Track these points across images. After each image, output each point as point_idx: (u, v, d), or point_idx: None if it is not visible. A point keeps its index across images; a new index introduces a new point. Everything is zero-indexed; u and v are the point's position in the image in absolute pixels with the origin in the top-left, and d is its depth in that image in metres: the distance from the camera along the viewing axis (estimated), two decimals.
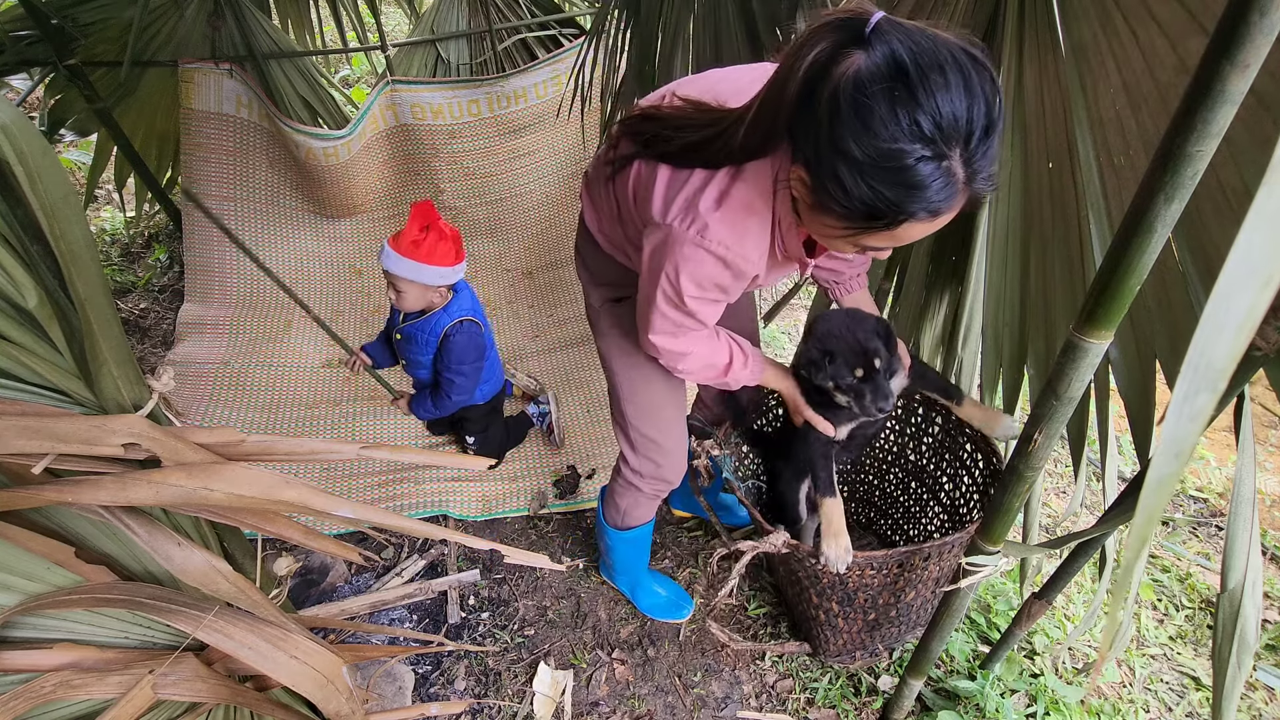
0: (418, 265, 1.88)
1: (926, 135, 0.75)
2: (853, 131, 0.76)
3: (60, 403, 0.71)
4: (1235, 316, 0.38)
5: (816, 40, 0.79)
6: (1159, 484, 0.41)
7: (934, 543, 1.33)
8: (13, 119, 0.57)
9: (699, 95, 1.07)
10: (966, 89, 0.75)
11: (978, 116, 0.75)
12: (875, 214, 0.82)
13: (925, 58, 0.74)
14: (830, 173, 0.81)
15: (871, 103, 0.75)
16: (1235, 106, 0.60)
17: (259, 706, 0.86)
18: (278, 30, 2.93)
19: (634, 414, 1.48)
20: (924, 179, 0.77)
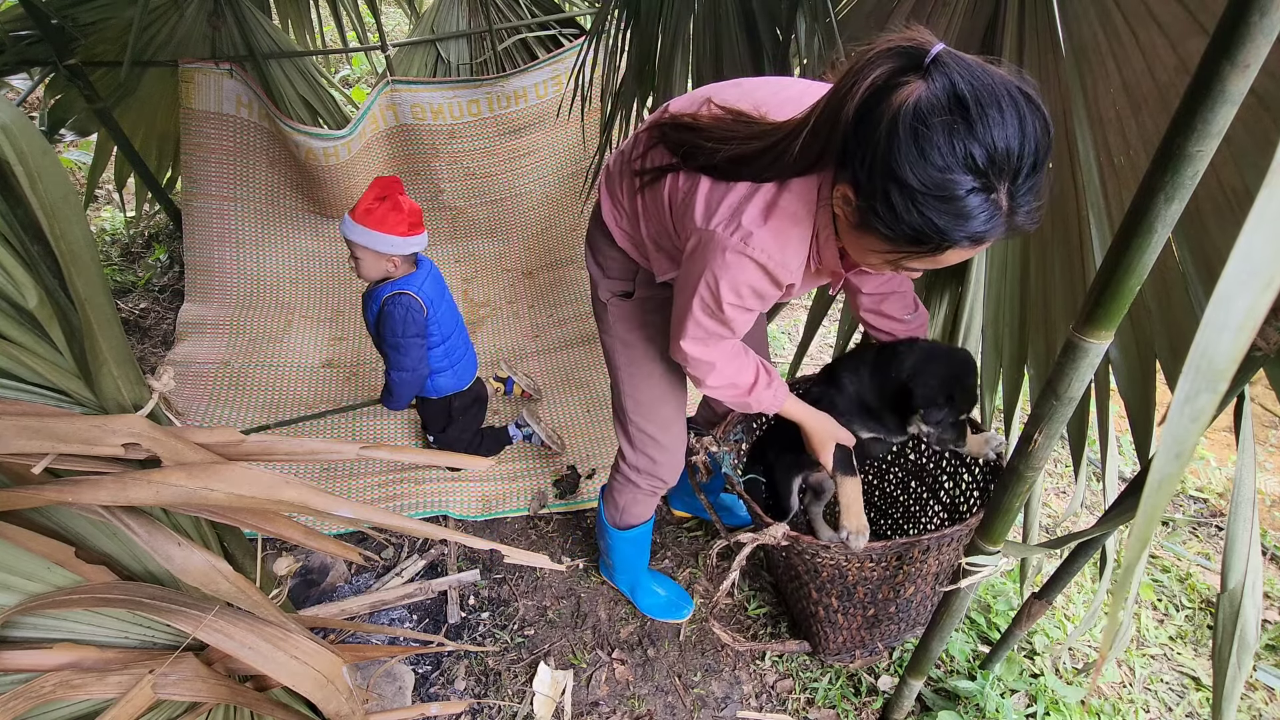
0: (367, 231, 1.90)
1: (979, 168, 0.78)
2: (909, 158, 0.78)
3: (60, 403, 0.71)
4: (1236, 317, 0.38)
5: (876, 64, 0.81)
6: (1160, 484, 0.41)
7: (932, 534, 1.33)
8: (13, 119, 0.57)
9: (738, 103, 1.05)
10: (1020, 126, 0.77)
11: (1028, 153, 0.78)
12: (921, 239, 0.84)
13: (984, 92, 0.77)
14: (881, 195, 0.82)
15: (930, 132, 0.77)
16: (1235, 106, 0.60)
17: (259, 706, 0.86)
18: (278, 30, 2.93)
19: (633, 409, 1.49)
20: (973, 209, 0.79)
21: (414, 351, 2.06)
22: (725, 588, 1.34)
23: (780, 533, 1.35)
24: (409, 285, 2.04)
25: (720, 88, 1.15)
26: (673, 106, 1.18)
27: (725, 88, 1.15)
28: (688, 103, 1.17)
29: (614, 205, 1.31)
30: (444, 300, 2.15)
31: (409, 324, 2.02)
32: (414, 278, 2.06)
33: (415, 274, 2.07)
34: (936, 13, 1.49)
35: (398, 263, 2.00)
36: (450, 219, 3.02)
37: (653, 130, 1.15)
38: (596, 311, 1.47)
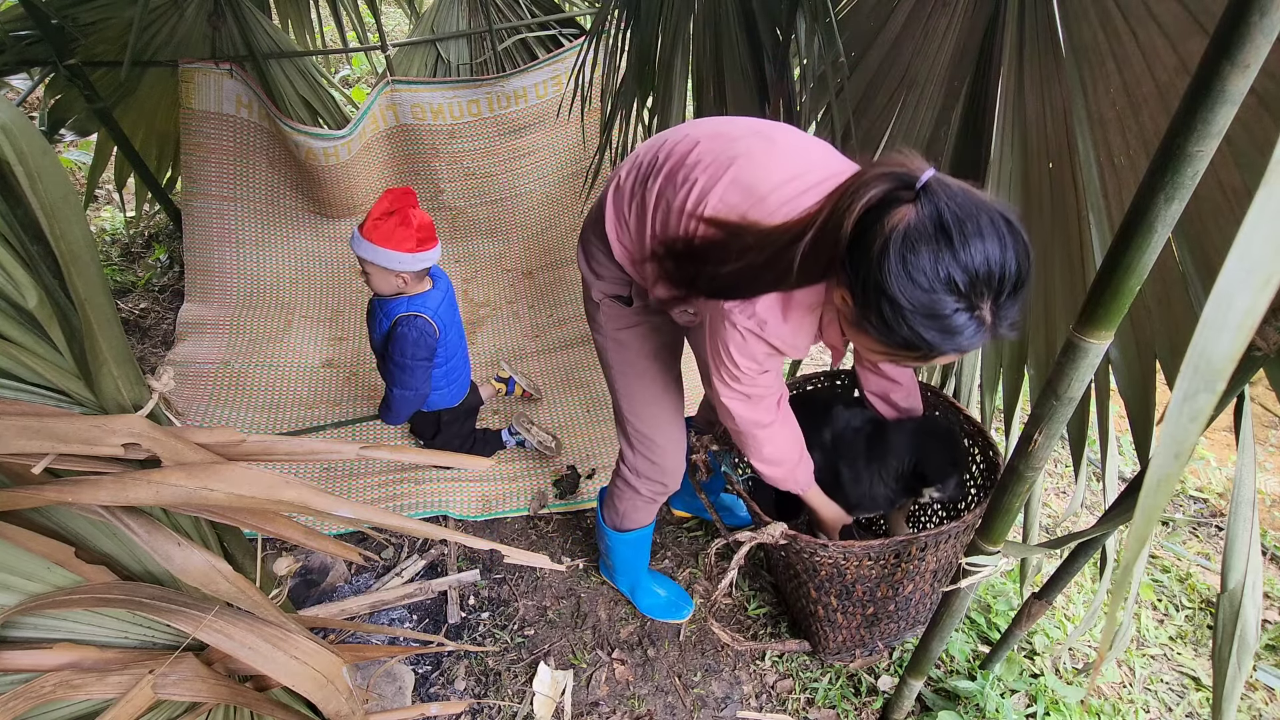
0: (373, 247, 1.87)
1: (963, 291, 0.85)
2: (898, 280, 0.85)
3: (60, 403, 0.71)
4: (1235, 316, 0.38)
5: (872, 185, 0.87)
6: (1159, 484, 0.41)
7: (930, 531, 1.33)
8: (13, 119, 0.56)
9: (725, 210, 1.08)
10: (1001, 250, 0.84)
11: (1009, 275, 0.85)
12: (910, 347, 0.91)
13: (968, 220, 0.83)
14: (875, 308, 0.90)
15: (917, 258, 0.84)
16: (1235, 106, 0.60)
17: (259, 706, 0.86)
18: (278, 30, 2.93)
19: (629, 409, 1.48)
20: (959, 326, 0.87)
21: (420, 373, 2.06)
22: (724, 586, 1.35)
23: (779, 531, 1.35)
24: (424, 308, 2.02)
25: (750, 145, 1.12)
26: (701, 148, 1.16)
27: (755, 145, 1.12)
28: (717, 147, 1.14)
29: (619, 223, 1.30)
30: (455, 322, 2.15)
31: (420, 347, 2.01)
32: (429, 299, 2.04)
33: (430, 294, 2.05)
34: (936, 13, 1.49)
35: (408, 278, 1.98)
36: (450, 219, 3.02)
37: (656, 264, 1.17)
38: (588, 311, 1.46)
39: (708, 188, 1.10)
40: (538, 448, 2.26)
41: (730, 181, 1.09)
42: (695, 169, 1.13)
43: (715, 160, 1.12)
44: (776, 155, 1.10)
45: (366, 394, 2.52)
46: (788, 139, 1.14)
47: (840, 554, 1.36)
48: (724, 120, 1.23)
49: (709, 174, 1.11)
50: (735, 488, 1.49)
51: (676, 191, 1.14)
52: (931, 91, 1.52)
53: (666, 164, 1.19)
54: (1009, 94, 1.35)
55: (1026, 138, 1.34)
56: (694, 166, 1.13)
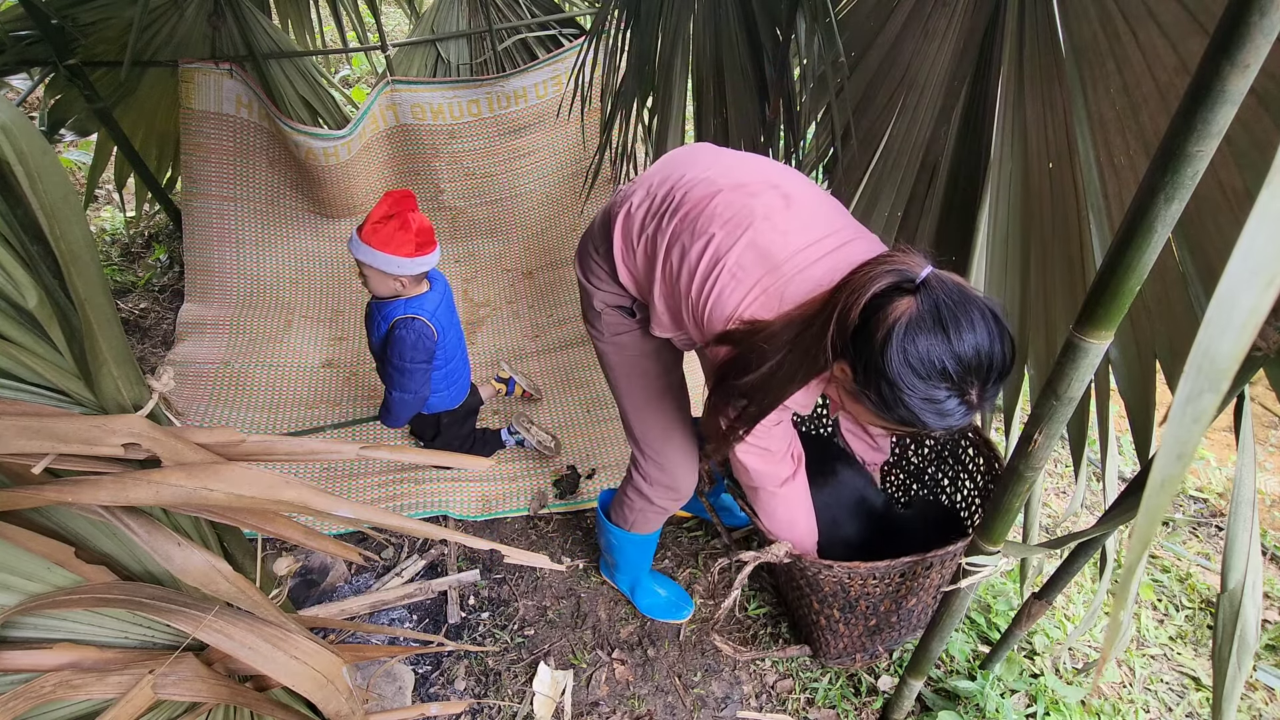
0: (372, 251, 1.87)
1: (955, 379, 0.95)
2: (899, 368, 0.94)
3: (60, 403, 0.71)
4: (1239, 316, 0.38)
5: (878, 279, 0.96)
6: (1162, 485, 0.41)
7: (937, 552, 1.32)
8: (13, 119, 0.56)
9: (741, 273, 1.11)
10: (990, 340, 0.94)
11: (995, 363, 0.95)
12: (905, 424, 1.01)
13: (963, 316, 0.93)
14: (875, 389, 0.99)
15: (916, 348, 0.93)
16: (1235, 106, 0.60)
17: (259, 706, 0.86)
18: (278, 30, 2.93)
19: (633, 413, 1.48)
20: (949, 410, 0.97)
21: (419, 376, 2.05)
22: (727, 606, 1.34)
23: (783, 551, 1.35)
24: (422, 310, 2.01)
25: (769, 205, 1.15)
26: (721, 199, 1.17)
27: (774, 204, 1.15)
28: (737, 203, 1.16)
29: (627, 250, 1.29)
30: (453, 325, 2.14)
31: (419, 350, 2.00)
32: (427, 301, 2.03)
33: (428, 296, 2.04)
34: (936, 13, 1.49)
35: (406, 282, 1.97)
36: (450, 219, 3.02)
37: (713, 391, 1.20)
38: (588, 317, 1.45)
39: (724, 247, 1.13)
40: (537, 448, 2.26)
41: (748, 245, 1.12)
42: (713, 223, 1.15)
43: (734, 217, 1.14)
44: (793, 219, 1.13)
45: (366, 394, 2.52)
46: (803, 198, 1.17)
47: (845, 574, 1.35)
48: (742, 163, 1.24)
49: (726, 231, 1.13)
50: (741, 503, 1.49)
51: (694, 240, 1.16)
52: (931, 91, 1.52)
53: (683, 207, 1.19)
54: (1009, 94, 1.35)
55: (1026, 138, 1.34)
56: (712, 220, 1.15)
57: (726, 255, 1.12)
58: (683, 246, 1.17)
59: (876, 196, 1.66)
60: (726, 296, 1.12)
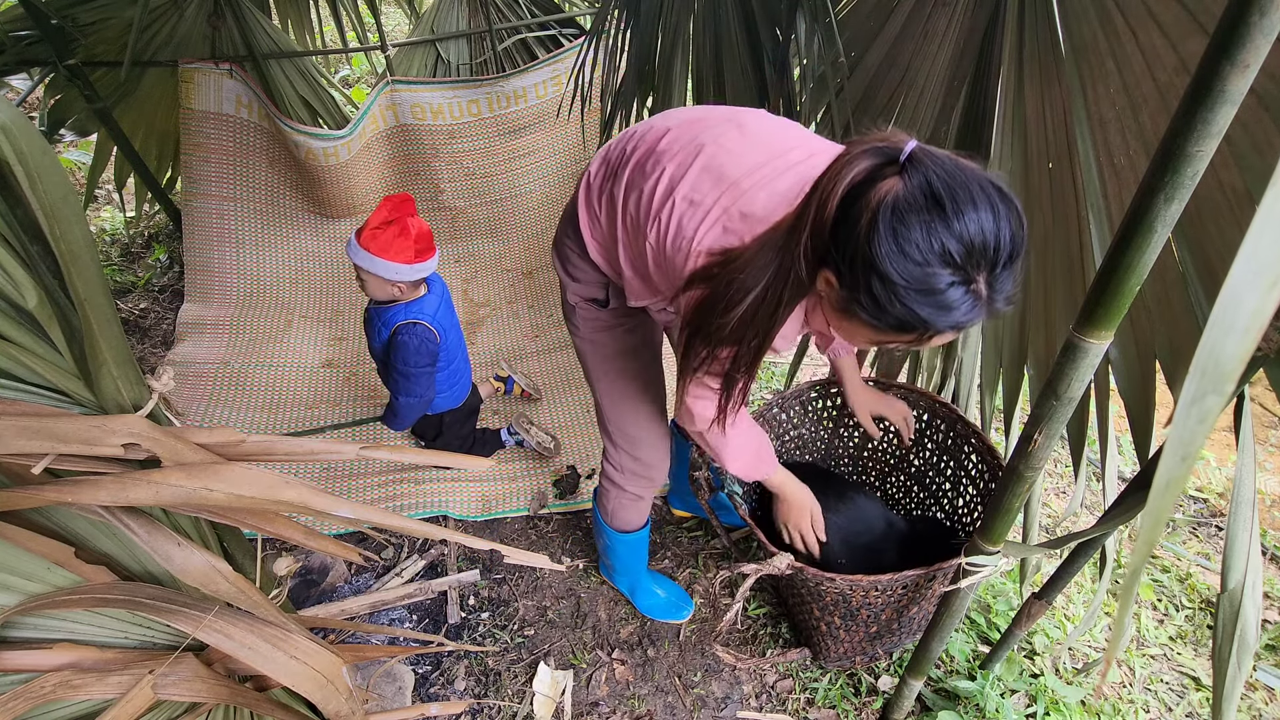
0: (370, 257, 1.87)
1: (957, 262, 0.80)
2: (890, 255, 0.80)
3: (60, 403, 0.71)
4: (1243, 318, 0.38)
5: (854, 162, 0.83)
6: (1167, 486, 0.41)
7: (942, 564, 1.30)
8: (13, 119, 0.56)
9: (698, 198, 1.03)
10: (995, 219, 0.79)
11: (1004, 244, 0.80)
12: (905, 328, 0.86)
13: (959, 188, 0.79)
14: (865, 288, 0.84)
15: (908, 229, 0.79)
16: (1235, 106, 0.60)
17: (259, 706, 0.86)
18: (278, 30, 2.93)
19: (610, 408, 1.48)
20: (954, 301, 0.82)
21: (424, 380, 2.05)
22: (729, 619, 1.34)
23: (785, 563, 1.34)
24: (422, 314, 2.01)
25: (719, 132, 1.09)
26: (670, 136, 1.12)
27: (725, 130, 1.09)
28: (687, 134, 1.11)
29: (591, 220, 1.27)
30: (453, 325, 2.14)
31: (422, 355, 2.00)
32: (426, 304, 2.03)
33: (427, 299, 2.04)
34: (936, 13, 1.49)
35: (404, 287, 1.98)
36: (450, 219, 3.02)
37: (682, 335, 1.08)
38: (565, 314, 1.44)
39: (677, 176, 1.06)
40: (536, 448, 2.26)
41: (701, 169, 1.05)
42: (664, 157, 1.09)
43: (684, 148, 1.08)
44: (748, 141, 1.06)
45: (366, 394, 2.52)
46: (759, 124, 1.11)
47: (847, 586, 1.35)
48: (696, 109, 1.19)
49: (677, 161, 1.07)
50: (740, 512, 1.48)
51: (646, 179, 1.10)
52: (931, 91, 1.52)
53: (635, 154, 1.16)
54: (1009, 94, 1.35)
55: (1026, 138, 1.34)
56: (662, 155, 1.10)
57: (679, 184, 1.05)
58: (638, 191, 1.12)
59: None
60: (685, 224, 1.03)
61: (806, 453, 1.91)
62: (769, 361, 2.77)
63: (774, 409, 1.76)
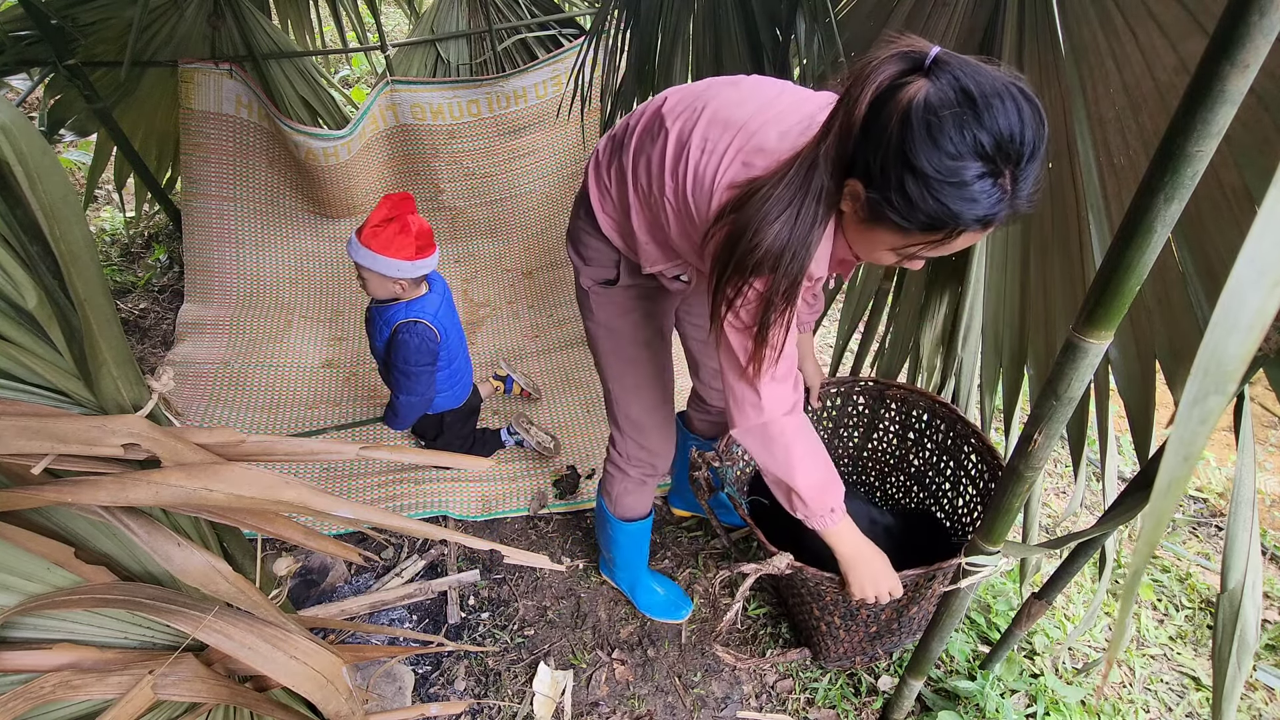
0: (372, 255, 1.87)
1: (988, 154, 0.83)
2: (923, 147, 0.83)
3: (60, 403, 0.71)
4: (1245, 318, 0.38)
5: (881, 69, 0.87)
6: (1169, 487, 0.41)
7: (941, 564, 1.30)
8: (13, 119, 0.56)
9: (710, 147, 1.05)
10: (1020, 115, 0.83)
11: (1029, 139, 0.84)
12: (935, 225, 0.88)
13: (986, 86, 0.83)
14: (896, 185, 0.87)
15: (941, 123, 0.82)
16: (1235, 106, 0.60)
17: (259, 706, 0.86)
18: (277, 30, 2.93)
19: (619, 393, 1.49)
20: (983, 193, 0.85)
21: (425, 379, 2.06)
22: (729, 619, 1.34)
23: (784, 563, 1.34)
24: (423, 313, 2.01)
25: (718, 90, 1.13)
26: (670, 101, 1.17)
27: (723, 89, 1.13)
28: (687, 98, 1.15)
29: (601, 193, 1.30)
30: (454, 325, 2.14)
31: (423, 353, 2.00)
32: (427, 303, 2.03)
33: (428, 298, 2.04)
34: (936, 13, 1.49)
35: (405, 285, 1.98)
36: (450, 219, 3.02)
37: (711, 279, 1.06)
38: (579, 299, 1.46)
39: (685, 131, 1.10)
40: (536, 448, 2.26)
41: (708, 122, 1.08)
42: (667, 119, 1.13)
43: (686, 108, 1.12)
44: (746, 92, 1.11)
45: (366, 394, 2.52)
46: (754, 80, 1.15)
47: None
48: (692, 83, 1.23)
49: (683, 120, 1.11)
50: (740, 512, 1.48)
51: (654, 143, 1.14)
52: None
53: (639, 125, 1.20)
54: None
55: None
56: (665, 117, 1.14)
57: (691, 138, 1.08)
58: (646, 156, 1.16)
59: None
60: (703, 170, 1.06)
61: None
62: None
63: None
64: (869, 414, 1.84)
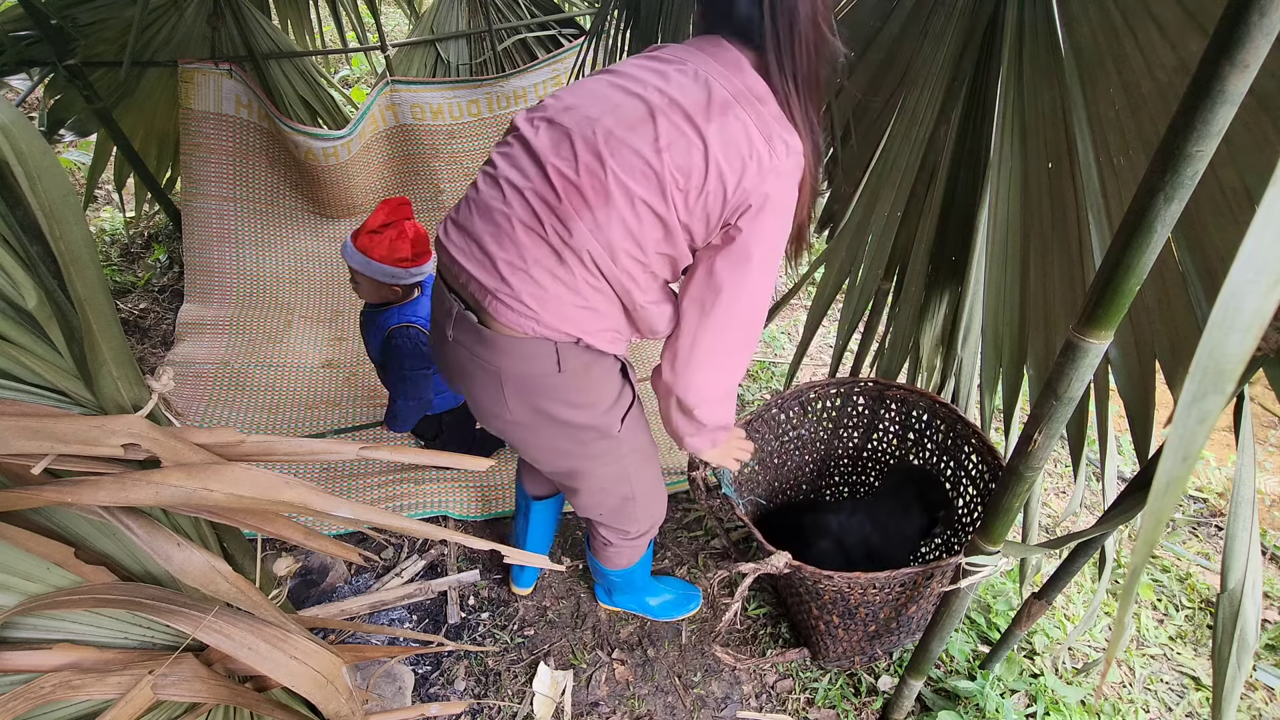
0: (367, 260, 1.87)
1: None
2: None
3: (60, 403, 0.71)
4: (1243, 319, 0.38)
5: None
6: (1168, 486, 0.41)
7: (940, 563, 1.30)
8: (13, 119, 0.56)
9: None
10: None
11: None
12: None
13: None
14: None
15: None
16: (1235, 106, 0.60)
17: (259, 707, 0.86)
18: (277, 30, 2.93)
19: (643, 491, 1.39)
20: None
21: (422, 382, 2.05)
22: (728, 619, 1.34)
23: (782, 562, 1.34)
24: (416, 316, 2.00)
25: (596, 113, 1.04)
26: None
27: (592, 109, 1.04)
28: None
29: (538, 298, 1.07)
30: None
31: (418, 357, 2.00)
32: (420, 306, 2.02)
33: (421, 301, 2.03)
34: (936, 13, 1.49)
35: (400, 290, 1.98)
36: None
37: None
38: (603, 437, 1.25)
39: (599, 155, 1.01)
40: None
41: (611, 131, 1.01)
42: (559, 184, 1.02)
43: (570, 152, 1.03)
44: (606, 89, 1.06)
45: (366, 395, 2.52)
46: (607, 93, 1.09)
47: (845, 583, 1.35)
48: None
49: (575, 162, 1.02)
50: (737, 511, 1.48)
51: (576, 205, 1.01)
52: (931, 91, 1.52)
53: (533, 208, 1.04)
54: (1009, 94, 1.35)
55: (1026, 138, 1.34)
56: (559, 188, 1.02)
57: (611, 157, 0.99)
58: (578, 216, 1.02)
59: (876, 196, 1.66)
60: (690, 157, 0.99)
61: (806, 453, 1.91)
62: (769, 361, 2.77)
63: (773, 409, 1.76)
64: (869, 414, 1.84)
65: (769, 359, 2.80)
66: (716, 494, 1.96)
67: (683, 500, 2.17)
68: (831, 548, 1.62)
